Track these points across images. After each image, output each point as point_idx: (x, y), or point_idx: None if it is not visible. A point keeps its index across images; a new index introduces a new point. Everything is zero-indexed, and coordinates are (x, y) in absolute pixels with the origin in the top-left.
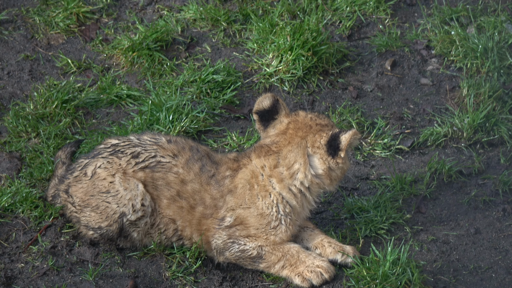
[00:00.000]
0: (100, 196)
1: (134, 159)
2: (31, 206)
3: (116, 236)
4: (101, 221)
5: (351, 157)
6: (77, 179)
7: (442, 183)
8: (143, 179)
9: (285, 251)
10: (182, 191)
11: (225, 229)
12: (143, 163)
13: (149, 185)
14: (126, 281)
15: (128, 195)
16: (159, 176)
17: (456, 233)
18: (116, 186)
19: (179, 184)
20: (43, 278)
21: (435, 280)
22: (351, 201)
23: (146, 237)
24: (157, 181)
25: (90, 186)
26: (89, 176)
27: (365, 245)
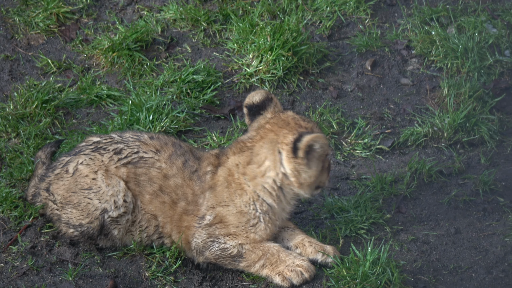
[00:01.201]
0: (82, 192)
1: (116, 155)
2: (11, 206)
3: (97, 233)
4: (82, 218)
5: (330, 160)
6: (59, 177)
7: (423, 183)
8: (126, 175)
9: (266, 250)
10: (165, 185)
11: (205, 227)
12: (126, 159)
13: (132, 181)
14: (106, 281)
15: (110, 191)
16: (142, 172)
17: (436, 233)
18: (99, 182)
19: (162, 179)
20: (23, 278)
21: (415, 280)
22: (331, 201)
23: (126, 235)
24: (139, 177)
25: (72, 183)
26: (71, 173)
27: (345, 245)
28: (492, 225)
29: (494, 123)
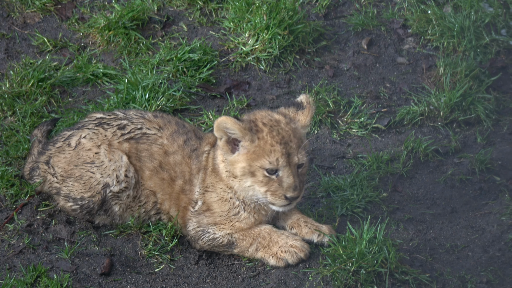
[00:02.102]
0: (84, 166)
1: (120, 130)
2: (7, 184)
3: (97, 208)
4: (84, 191)
5: (299, 163)
6: (60, 150)
7: (419, 162)
8: (128, 150)
9: (256, 234)
10: (165, 162)
11: (196, 215)
12: (129, 135)
13: (133, 156)
14: (102, 259)
15: (113, 166)
16: (144, 148)
17: (433, 212)
18: (101, 157)
19: (162, 155)
20: (19, 256)
21: (411, 259)
22: (327, 179)
23: (126, 212)
24: (141, 153)
25: (74, 156)
26: (73, 146)
27: (342, 223)
28: (488, 204)
29: (490, 102)
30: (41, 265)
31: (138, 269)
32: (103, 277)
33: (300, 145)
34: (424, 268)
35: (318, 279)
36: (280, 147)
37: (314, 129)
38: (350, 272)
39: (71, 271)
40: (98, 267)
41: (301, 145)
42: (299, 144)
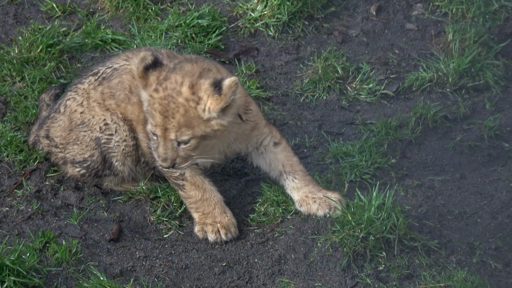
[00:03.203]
0: (77, 128)
1: (93, 76)
2: (16, 150)
3: (102, 168)
4: (83, 152)
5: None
6: (53, 120)
7: (427, 128)
8: (102, 93)
9: (206, 197)
10: (133, 86)
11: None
12: (101, 76)
13: (108, 98)
14: (111, 225)
15: (95, 119)
16: (115, 82)
17: (441, 178)
18: (86, 115)
19: (131, 80)
20: (28, 222)
21: (420, 225)
22: (336, 146)
23: (127, 162)
24: (113, 89)
25: (67, 122)
26: (62, 112)
27: (350, 190)
28: (497, 170)
29: (499, 69)
30: (50, 231)
31: (147, 235)
32: (111, 243)
33: (187, 124)
34: (433, 235)
35: (326, 246)
36: (159, 117)
37: (323, 95)
38: (359, 238)
39: (79, 237)
40: (107, 233)
41: (191, 124)
42: (185, 123)
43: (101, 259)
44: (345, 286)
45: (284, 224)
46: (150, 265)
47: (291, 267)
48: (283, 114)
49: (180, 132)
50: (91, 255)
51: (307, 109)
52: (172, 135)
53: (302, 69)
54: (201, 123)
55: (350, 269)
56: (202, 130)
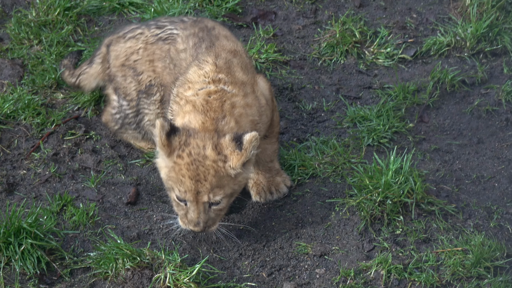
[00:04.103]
0: (128, 70)
1: (157, 30)
2: (33, 113)
3: (133, 119)
4: (124, 94)
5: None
6: (117, 40)
7: (445, 92)
8: (154, 53)
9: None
10: (176, 59)
11: None
12: (162, 35)
13: (157, 60)
14: (128, 188)
15: (143, 75)
16: (166, 48)
17: (459, 143)
18: (138, 65)
19: (175, 53)
20: (45, 185)
21: (437, 189)
22: (353, 110)
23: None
24: (163, 53)
25: (123, 54)
26: (124, 40)
27: (368, 154)
28: None
29: None
30: (67, 194)
31: (164, 198)
32: (129, 206)
33: (219, 185)
34: (450, 199)
35: (344, 209)
36: (189, 183)
37: (341, 59)
38: (376, 202)
39: (97, 200)
40: (124, 196)
41: (222, 184)
42: (217, 184)
43: (118, 222)
44: (362, 250)
45: (301, 188)
46: (167, 228)
47: (308, 231)
48: (300, 78)
49: (213, 193)
50: (108, 218)
51: (325, 73)
52: (205, 197)
53: (320, 33)
54: (230, 181)
55: (368, 233)
56: (231, 188)
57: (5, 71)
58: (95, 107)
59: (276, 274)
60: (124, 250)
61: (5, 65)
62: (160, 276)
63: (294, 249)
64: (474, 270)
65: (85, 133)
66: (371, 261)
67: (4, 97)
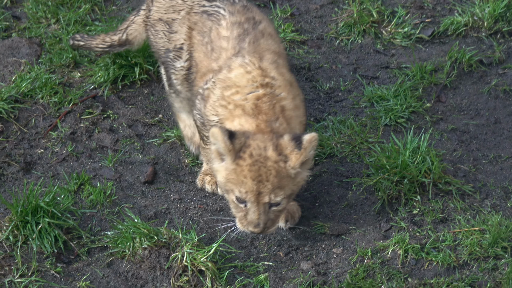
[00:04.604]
0: (165, 23)
1: (206, 1)
2: (51, 92)
3: (166, 76)
4: (153, 46)
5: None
6: None
7: (462, 72)
8: (196, 23)
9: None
10: (215, 43)
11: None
12: (207, 9)
13: (196, 32)
14: (146, 167)
15: (176, 34)
16: (209, 25)
17: (476, 123)
18: (176, 24)
19: (216, 36)
20: (63, 164)
21: (454, 169)
22: (371, 89)
23: (183, 84)
24: (205, 28)
25: (166, 5)
26: None
27: (385, 133)
28: None
29: None
30: (85, 173)
31: (182, 177)
32: (146, 185)
33: (280, 185)
34: (468, 179)
35: (361, 189)
36: (251, 183)
37: (358, 38)
38: (394, 182)
39: (114, 179)
40: (142, 175)
41: (282, 185)
42: (278, 185)
43: (135, 201)
44: (379, 229)
45: (318, 167)
46: (185, 207)
47: (325, 210)
48: (318, 57)
49: (274, 194)
50: (126, 197)
51: (342, 53)
52: (266, 198)
53: (337, 12)
54: (290, 182)
55: (385, 213)
56: (291, 188)
57: (22, 50)
58: (112, 86)
59: (293, 253)
60: (142, 229)
61: (22, 44)
62: (177, 255)
63: (312, 228)
64: (491, 250)
65: (102, 112)
66: (388, 241)
67: (21, 76)
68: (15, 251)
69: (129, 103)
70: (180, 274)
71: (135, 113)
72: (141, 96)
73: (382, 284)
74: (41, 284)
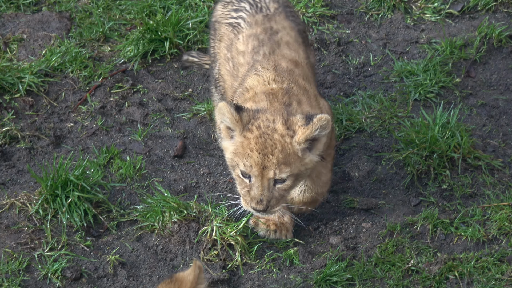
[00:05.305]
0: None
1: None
2: (81, 66)
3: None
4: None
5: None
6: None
7: (492, 47)
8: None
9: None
10: (236, 59)
11: None
12: (233, 19)
13: (223, 42)
14: (175, 141)
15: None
16: (233, 37)
17: (506, 98)
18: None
19: (236, 51)
20: (92, 138)
21: (484, 144)
22: (400, 64)
23: (216, 92)
24: (228, 42)
25: (217, 11)
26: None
27: (415, 108)
28: None
29: None
30: (114, 147)
31: (211, 151)
32: (176, 159)
33: (285, 161)
34: (497, 154)
35: (390, 164)
36: (257, 156)
37: (388, 13)
38: (423, 157)
39: (144, 153)
40: (171, 149)
41: (288, 161)
42: (283, 161)
43: (165, 175)
44: (408, 204)
45: (348, 142)
46: (214, 181)
47: (354, 185)
48: (347, 32)
49: (279, 170)
50: (155, 171)
51: (372, 28)
52: (271, 173)
53: None
54: (297, 160)
55: (414, 187)
56: (297, 168)
57: (52, 24)
58: (142, 61)
59: (323, 228)
60: (171, 203)
61: (52, 18)
62: (207, 229)
63: (341, 203)
64: None
65: (132, 86)
66: (418, 216)
67: (51, 50)
68: (44, 224)
69: (159, 78)
70: (209, 248)
71: (165, 87)
72: (171, 71)
73: (411, 259)
74: (70, 258)
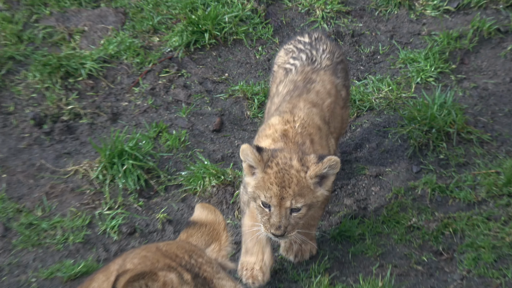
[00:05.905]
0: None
1: (288, 55)
2: (134, 54)
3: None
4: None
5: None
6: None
7: (483, 39)
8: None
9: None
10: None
11: None
12: (287, 65)
13: (275, 82)
14: (214, 118)
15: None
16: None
17: (494, 82)
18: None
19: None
20: (144, 115)
21: (475, 121)
22: (405, 53)
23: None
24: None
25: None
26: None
27: (417, 90)
28: None
29: None
30: (162, 123)
31: (244, 127)
32: (214, 133)
33: (300, 193)
34: (486, 129)
35: (396, 137)
36: (276, 188)
37: (394, 10)
38: (423, 131)
39: (187, 127)
40: (210, 125)
41: (303, 193)
42: (299, 192)
43: (205, 147)
44: (411, 171)
45: (360, 119)
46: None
47: (365, 155)
48: (360, 25)
49: (295, 200)
50: (197, 143)
51: (381, 22)
52: (288, 203)
53: None
54: (310, 192)
55: (416, 157)
56: (310, 199)
57: (109, 18)
58: (186, 49)
59: (338, 191)
60: (210, 170)
61: (109, 13)
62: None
63: (354, 170)
64: (505, 189)
65: (177, 71)
66: (419, 181)
67: (109, 40)
68: (103, 188)
69: (200, 64)
70: None
71: (205, 72)
72: (210, 58)
73: (413, 217)
74: (125, 216)
